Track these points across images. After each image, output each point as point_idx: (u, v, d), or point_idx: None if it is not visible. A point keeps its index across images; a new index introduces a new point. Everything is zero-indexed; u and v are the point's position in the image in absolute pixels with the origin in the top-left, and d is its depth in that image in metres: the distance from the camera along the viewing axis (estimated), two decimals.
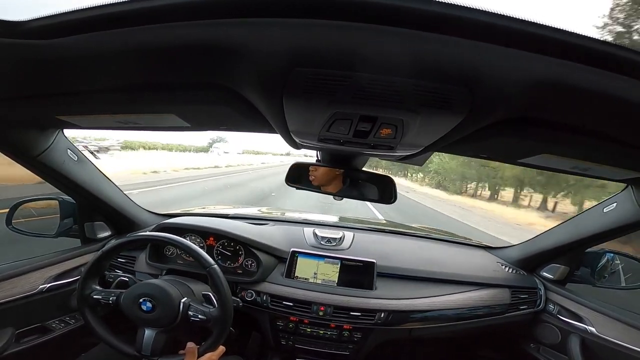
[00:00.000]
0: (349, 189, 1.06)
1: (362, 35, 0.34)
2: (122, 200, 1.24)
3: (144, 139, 34.24)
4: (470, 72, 0.38)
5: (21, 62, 0.46)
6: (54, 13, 0.37)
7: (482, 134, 0.55)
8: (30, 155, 0.84)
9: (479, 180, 25.31)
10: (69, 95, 0.59)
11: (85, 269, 0.90)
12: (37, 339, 0.99)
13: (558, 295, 1.18)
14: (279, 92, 0.45)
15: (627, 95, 0.39)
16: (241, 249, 1.22)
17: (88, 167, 1.06)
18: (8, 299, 0.89)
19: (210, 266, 0.87)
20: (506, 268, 1.30)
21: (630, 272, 1.09)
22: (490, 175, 22.02)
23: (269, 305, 1.14)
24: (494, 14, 0.30)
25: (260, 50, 0.38)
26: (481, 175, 23.45)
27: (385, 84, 0.42)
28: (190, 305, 0.87)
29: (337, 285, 1.17)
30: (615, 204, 0.93)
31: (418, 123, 0.51)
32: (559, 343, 1.13)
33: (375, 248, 1.30)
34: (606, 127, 0.52)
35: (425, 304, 1.15)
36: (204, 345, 0.86)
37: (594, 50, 0.33)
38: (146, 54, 0.43)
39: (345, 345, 1.17)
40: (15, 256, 1.01)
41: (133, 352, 0.85)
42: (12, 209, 1.11)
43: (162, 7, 0.34)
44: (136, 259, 1.24)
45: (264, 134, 0.78)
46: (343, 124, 0.54)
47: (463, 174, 25.21)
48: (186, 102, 0.58)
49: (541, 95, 0.42)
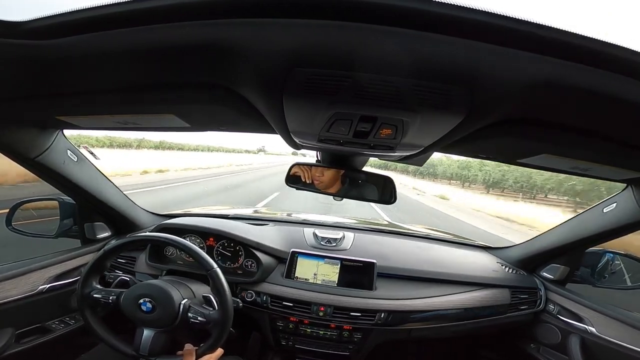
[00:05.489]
0: (348, 189, 1.06)
1: (362, 36, 0.34)
2: (122, 200, 1.24)
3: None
4: (470, 72, 0.38)
5: (21, 62, 0.46)
6: (54, 13, 0.37)
7: (482, 134, 0.55)
8: (30, 156, 0.84)
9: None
10: (69, 96, 0.59)
11: (85, 269, 0.90)
12: (37, 339, 0.99)
13: (558, 296, 1.17)
14: (278, 92, 0.45)
15: (627, 95, 0.39)
16: (241, 249, 1.22)
17: (88, 168, 1.06)
18: (8, 299, 0.89)
19: (212, 269, 0.87)
20: (506, 268, 1.30)
21: (630, 272, 1.09)
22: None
23: (269, 305, 1.14)
24: (494, 14, 0.30)
25: (260, 50, 0.38)
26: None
27: (385, 84, 0.41)
28: (190, 307, 0.86)
29: (337, 285, 1.17)
30: (615, 204, 0.93)
31: (418, 123, 0.50)
32: (559, 343, 1.13)
33: (375, 248, 1.30)
34: (606, 127, 0.52)
35: (426, 304, 1.15)
36: (202, 346, 0.85)
37: (593, 50, 0.33)
38: (146, 54, 0.43)
39: (345, 346, 1.17)
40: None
41: (131, 352, 0.85)
42: (12, 209, 1.11)
43: (162, 8, 0.34)
44: (136, 259, 1.24)
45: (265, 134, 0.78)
46: (343, 124, 0.54)
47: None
48: (186, 102, 0.58)
49: (541, 95, 0.42)
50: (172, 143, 43.60)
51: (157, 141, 39.37)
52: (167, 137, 43.29)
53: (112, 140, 31.02)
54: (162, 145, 39.55)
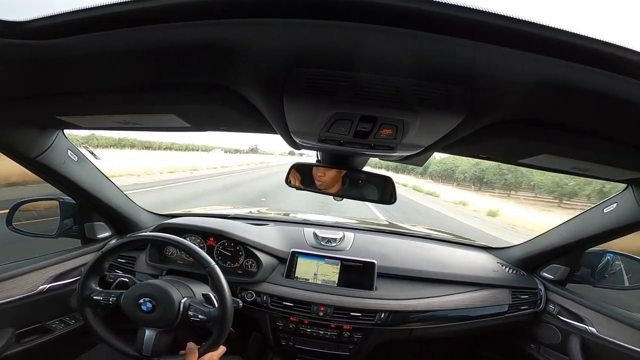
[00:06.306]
0: (349, 189, 1.06)
1: (362, 36, 0.34)
2: (122, 200, 1.24)
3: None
4: (470, 72, 0.38)
5: (21, 62, 0.46)
6: (54, 13, 0.37)
7: (482, 134, 0.55)
8: (31, 156, 0.84)
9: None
10: (69, 96, 0.59)
11: (85, 269, 0.90)
12: (37, 339, 0.99)
13: (558, 296, 1.17)
14: (279, 92, 0.45)
15: (627, 95, 0.39)
16: (241, 249, 1.22)
17: (88, 168, 1.06)
18: (8, 299, 0.89)
19: (209, 266, 0.87)
20: (506, 268, 1.30)
21: (630, 272, 1.09)
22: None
23: (269, 305, 1.14)
24: (494, 14, 0.30)
25: (260, 50, 0.38)
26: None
27: (385, 84, 0.41)
28: (190, 306, 0.86)
29: (337, 285, 1.17)
30: (615, 204, 0.93)
31: (418, 123, 0.50)
32: (559, 343, 1.13)
33: (376, 248, 1.30)
34: (606, 127, 0.52)
35: (426, 305, 1.15)
36: (204, 345, 0.85)
37: (594, 50, 0.33)
38: (146, 54, 0.43)
39: (345, 346, 1.17)
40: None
41: (133, 353, 0.85)
42: (12, 209, 1.11)
43: (162, 8, 0.34)
44: (136, 259, 1.24)
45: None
46: (343, 124, 0.54)
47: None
48: (186, 102, 0.58)
49: (541, 95, 0.42)
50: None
51: (117, 138, 34.40)
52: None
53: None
54: (121, 143, 34.96)
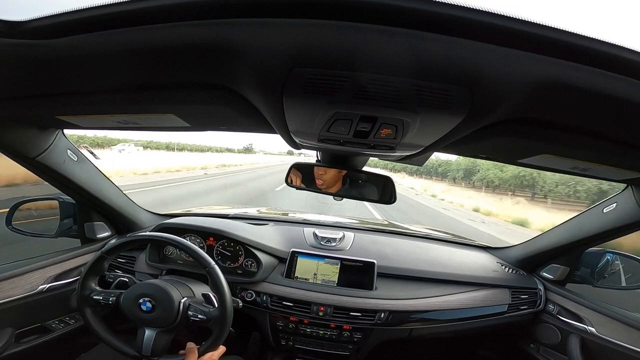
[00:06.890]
0: (348, 189, 1.06)
1: (361, 35, 0.34)
2: (122, 200, 1.24)
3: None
4: (470, 72, 0.38)
5: (21, 62, 0.46)
6: (54, 13, 0.37)
7: (482, 134, 0.55)
8: (31, 156, 0.84)
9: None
10: (69, 95, 0.59)
11: (85, 269, 0.90)
12: (37, 339, 0.99)
13: (558, 296, 1.18)
14: (278, 92, 0.45)
15: (627, 95, 0.39)
16: (241, 249, 1.22)
17: (88, 167, 1.06)
18: (8, 299, 0.89)
19: (209, 266, 0.87)
20: (506, 268, 1.30)
21: (630, 272, 1.09)
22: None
23: (269, 305, 1.14)
24: (495, 14, 0.30)
25: (260, 50, 0.38)
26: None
27: (385, 84, 0.41)
28: (190, 305, 0.87)
29: (337, 285, 1.17)
30: (615, 204, 0.93)
31: (418, 123, 0.50)
32: (559, 343, 1.13)
33: (376, 248, 1.30)
34: (606, 127, 0.52)
35: (425, 304, 1.15)
36: (204, 345, 0.86)
37: (594, 50, 0.33)
38: (146, 54, 0.43)
39: (345, 346, 1.17)
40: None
41: (133, 353, 0.85)
42: (11, 209, 1.11)
43: (162, 7, 0.34)
44: (136, 259, 1.24)
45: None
46: (343, 124, 0.54)
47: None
48: (186, 102, 0.58)
49: (541, 95, 0.42)
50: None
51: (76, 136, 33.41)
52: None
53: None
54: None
